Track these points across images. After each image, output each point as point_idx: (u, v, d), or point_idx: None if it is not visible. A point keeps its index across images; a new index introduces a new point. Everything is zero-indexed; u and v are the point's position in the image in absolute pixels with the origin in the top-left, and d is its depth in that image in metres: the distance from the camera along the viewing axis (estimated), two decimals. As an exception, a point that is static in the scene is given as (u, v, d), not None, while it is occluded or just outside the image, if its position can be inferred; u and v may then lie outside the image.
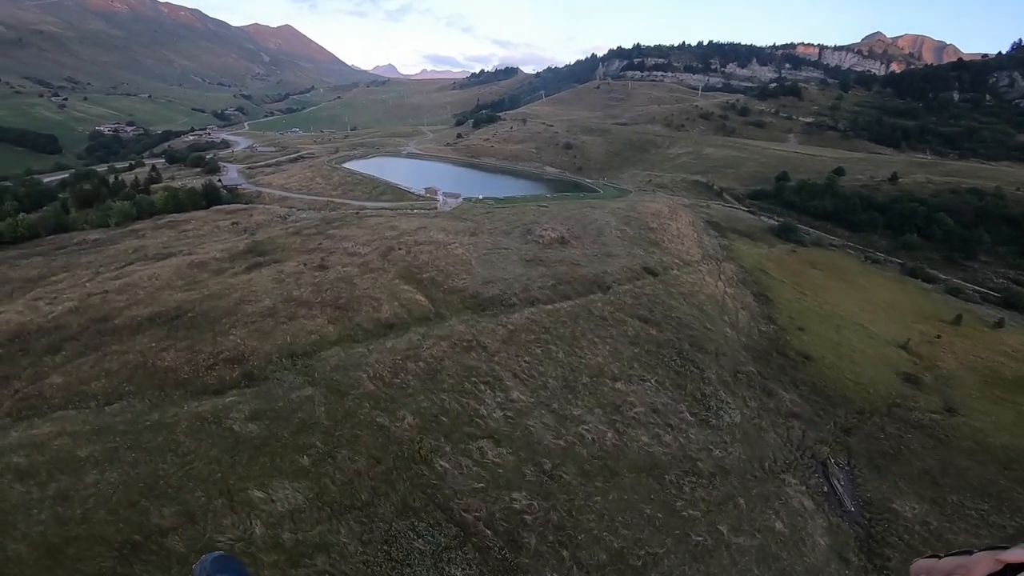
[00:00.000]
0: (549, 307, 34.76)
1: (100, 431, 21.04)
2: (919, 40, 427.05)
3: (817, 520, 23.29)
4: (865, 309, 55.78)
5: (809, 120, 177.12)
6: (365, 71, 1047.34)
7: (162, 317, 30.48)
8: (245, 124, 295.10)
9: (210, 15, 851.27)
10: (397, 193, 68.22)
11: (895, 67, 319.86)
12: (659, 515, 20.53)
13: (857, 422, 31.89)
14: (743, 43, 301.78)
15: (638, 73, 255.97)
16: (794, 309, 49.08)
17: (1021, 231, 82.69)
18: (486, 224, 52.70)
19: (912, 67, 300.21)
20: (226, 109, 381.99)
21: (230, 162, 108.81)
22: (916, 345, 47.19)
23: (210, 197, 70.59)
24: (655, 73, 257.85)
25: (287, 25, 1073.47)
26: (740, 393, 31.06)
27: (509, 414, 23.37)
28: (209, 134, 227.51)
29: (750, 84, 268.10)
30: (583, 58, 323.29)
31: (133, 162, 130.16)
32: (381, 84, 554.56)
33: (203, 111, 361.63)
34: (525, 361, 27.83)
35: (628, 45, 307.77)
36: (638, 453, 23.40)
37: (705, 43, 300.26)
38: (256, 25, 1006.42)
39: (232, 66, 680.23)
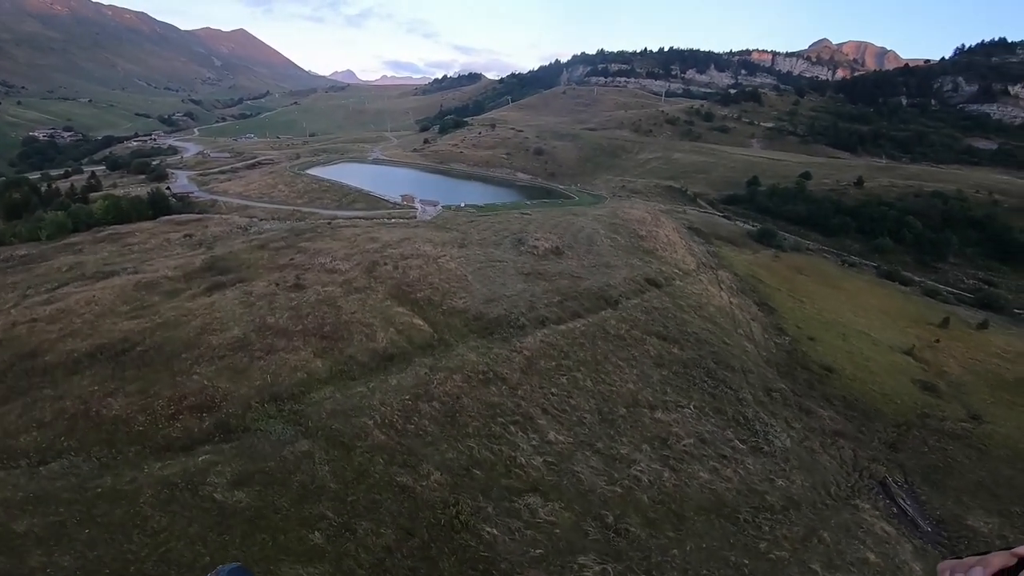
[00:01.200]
0: (562, 327, 31.20)
1: (39, 499, 16.26)
2: (862, 46, 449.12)
3: (904, 546, 20.71)
4: (860, 315, 54.89)
5: (770, 125, 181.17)
6: (323, 77, 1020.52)
7: (105, 352, 25.28)
8: (195, 130, 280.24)
9: (158, 18, 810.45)
10: (370, 201, 63.31)
11: (841, 73, 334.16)
12: (745, 561, 17.37)
13: (897, 436, 29.75)
14: (701, 50, 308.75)
15: (602, 79, 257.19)
16: (798, 318, 47.34)
17: (985, 233, 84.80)
18: (474, 234, 48.80)
19: (857, 72, 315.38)
20: (174, 114, 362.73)
21: (179, 168, 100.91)
22: (919, 351, 46.18)
23: (158, 206, 63.82)
24: (619, 79, 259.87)
25: (240, 29, 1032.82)
26: (780, 413, 28.36)
27: (550, 459, 19.67)
28: (155, 139, 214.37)
29: (708, 89, 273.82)
30: (547, 64, 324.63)
31: (70, 169, 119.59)
32: (340, 89, 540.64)
33: (148, 116, 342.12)
34: (552, 393, 24.16)
35: (591, 51, 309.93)
36: (701, 492, 20.15)
37: (666, 49, 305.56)
38: (208, 29, 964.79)
39: (180, 70, 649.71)
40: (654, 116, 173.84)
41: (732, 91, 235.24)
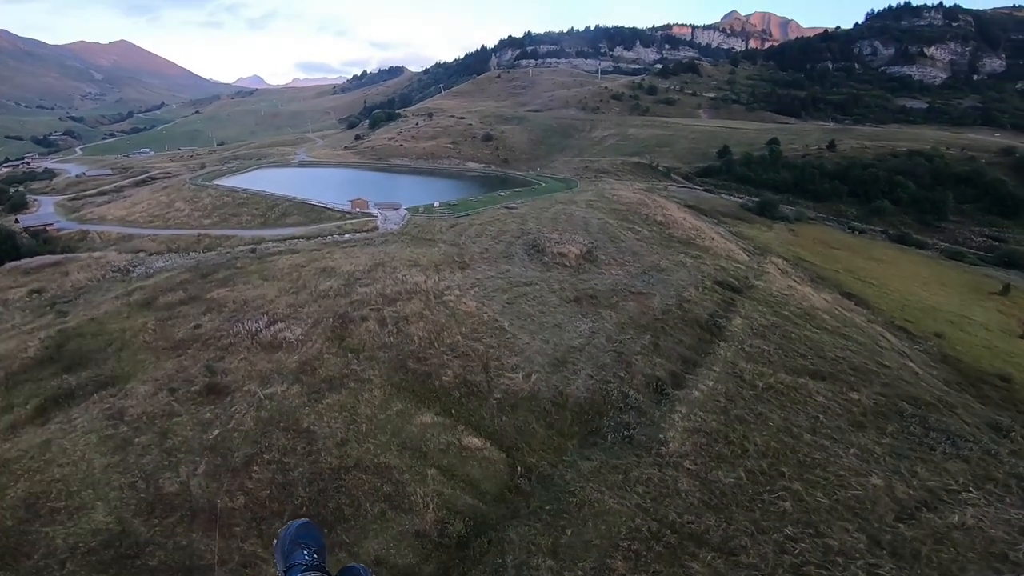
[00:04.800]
0: (695, 395, 18.41)
1: None
2: (767, 16, 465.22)
3: None
4: (929, 291, 46.12)
5: (712, 95, 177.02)
6: (227, 84, 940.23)
7: None
8: (77, 149, 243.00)
9: (21, 35, 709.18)
10: (307, 212, 46.94)
11: (753, 43, 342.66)
12: None
13: None
14: (626, 26, 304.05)
15: (532, 61, 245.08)
16: (893, 307, 37.20)
17: (978, 189, 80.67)
18: (470, 245, 34.70)
19: (767, 42, 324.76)
20: (51, 134, 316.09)
21: (46, 194, 79.13)
22: (1036, 333, 37.41)
23: (1, 248, 45.12)
24: (549, 60, 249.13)
25: (122, 40, 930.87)
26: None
27: None
28: (28, 164, 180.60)
29: (637, 66, 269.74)
30: (473, 51, 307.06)
31: None
32: (248, 95, 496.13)
33: (21, 138, 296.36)
34: (791, 538, 11.53)
35: (517, 34, 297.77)
36: None
37: (592, 28, 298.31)
38: (82, 43, 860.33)
39: (54, 86, 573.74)
40: (598, 93, 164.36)
41: (659, 66, 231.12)
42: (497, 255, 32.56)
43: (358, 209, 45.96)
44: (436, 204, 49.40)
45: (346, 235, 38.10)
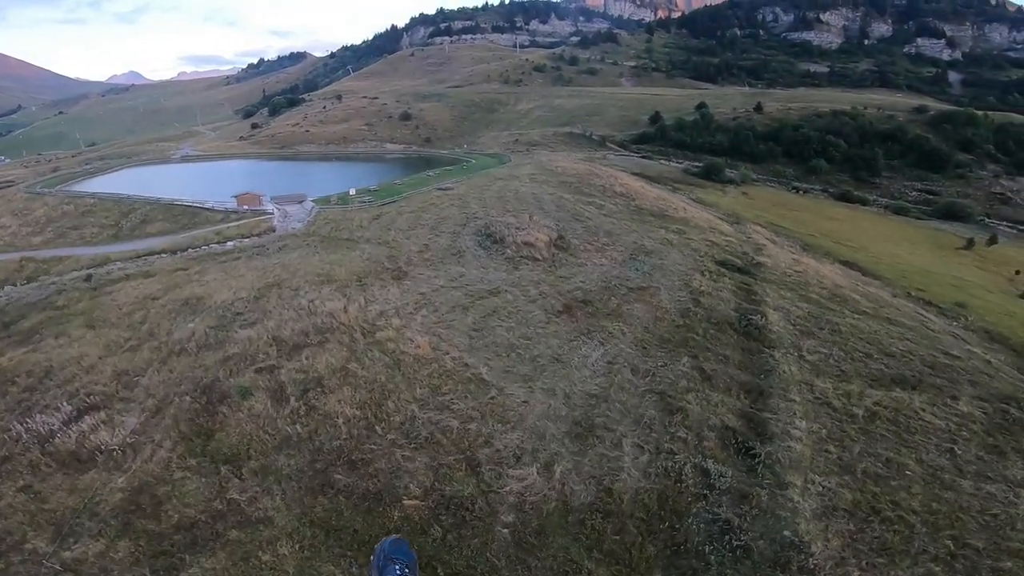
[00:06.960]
0: (797, 450, 11.64)
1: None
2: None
3: None
4: (907, 252, 43.32)
5: (632, 64, 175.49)
6: (98, 82, 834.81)
7: None
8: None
9: None
10: (178, 216, 35.21)
11: (661, 13, 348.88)
12: None
13: None
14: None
15: (447, 38, 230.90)
16: (895, 274, 32.95)
17: (902, 145, 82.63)
18: (403, 242, 26.17)
19: (673, 12, 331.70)
20: None
21: None
22: (1029, 293, 34.69)
23: None
24: (465, 36, 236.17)
25: None
26: None
27: None
28: None
29: (554, 39, 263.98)
30: (383, 31, 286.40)
31: None
32: (123, 91, 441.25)
33: None
34: None
35: (429, 11, 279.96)
36: None
37: (507, 2, 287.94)
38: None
39: None
40: (519, 66, 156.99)
41: (576, 38, 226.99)
42: (442, 252, 24.35)
43: (247, 207, 35.47)
44: (352, 191, 39.80)
45: (229, 243, 28.19)
